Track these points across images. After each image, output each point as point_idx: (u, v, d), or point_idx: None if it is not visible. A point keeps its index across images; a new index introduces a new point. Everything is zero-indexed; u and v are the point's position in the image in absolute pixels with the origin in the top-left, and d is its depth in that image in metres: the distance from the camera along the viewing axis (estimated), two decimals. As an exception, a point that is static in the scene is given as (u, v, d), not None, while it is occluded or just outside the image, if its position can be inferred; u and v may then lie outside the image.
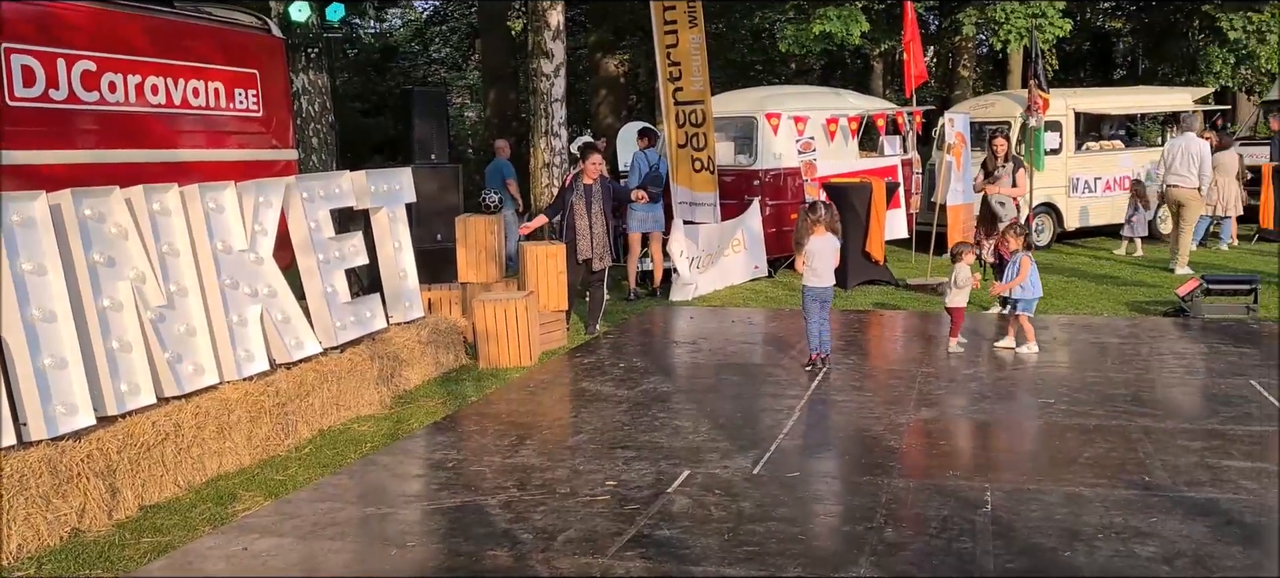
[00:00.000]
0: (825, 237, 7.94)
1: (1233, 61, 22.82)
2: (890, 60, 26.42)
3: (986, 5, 20.34)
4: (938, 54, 27.48)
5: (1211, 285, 9.86)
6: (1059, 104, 14.97)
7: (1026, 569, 4.32)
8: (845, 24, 19.16)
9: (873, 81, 26.54)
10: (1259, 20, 21.73)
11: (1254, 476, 5.37)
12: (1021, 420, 6.61)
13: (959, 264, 8.59)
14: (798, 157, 12.91)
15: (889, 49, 22.85)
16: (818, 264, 7.96)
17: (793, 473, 5.64)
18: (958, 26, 21.14)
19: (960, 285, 8.50)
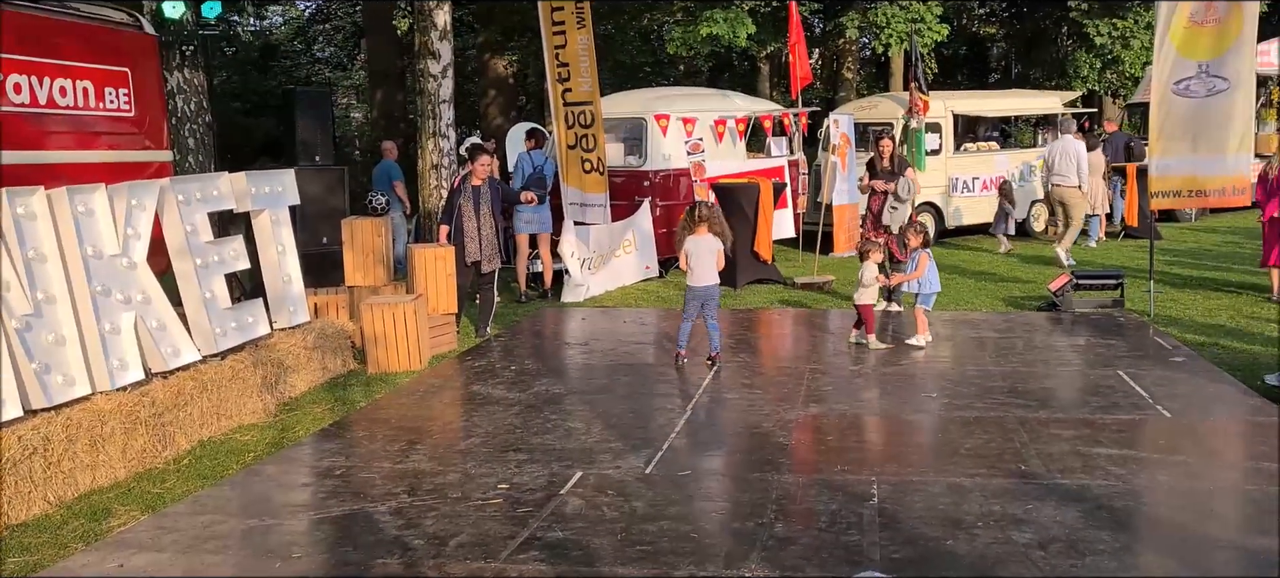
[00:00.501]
0: (704, 237, 8.00)
1: (1099, 66, 23.85)
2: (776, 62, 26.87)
3: (868, 9, 20.85)
4: (823, 56, 28.05)
5: (1081, 281, 10.27)
6: (938, 106, 15.43)
7: (911, 560, 4.43)
8: (732, 26, 19.42)
9: (760, 83, 26.95)
10: (1123, 26, 22.74)
11: (1122, 462, 5.62)
12: (906, 414, 6.78)
13: (866, 262, 8.76)
14: (687, 157, 13.02)
15: (775, 51, 23.24)
16: (695, 264, 8.03)
17: (684, 472, 5.68)
18: (841, 29, 21.63)
19: (867, 283, 8.69)
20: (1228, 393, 7.05)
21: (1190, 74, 9.37)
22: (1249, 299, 10.36)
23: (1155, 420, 6.42)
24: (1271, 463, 5.57)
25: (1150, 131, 9.79)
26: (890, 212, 10.27)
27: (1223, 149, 9.44)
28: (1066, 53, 25.08)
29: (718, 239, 8.04)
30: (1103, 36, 22.72)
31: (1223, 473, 5.60)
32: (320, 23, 33.17)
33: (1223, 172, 9.50)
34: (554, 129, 12.49)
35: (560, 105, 12.18)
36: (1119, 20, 22.81)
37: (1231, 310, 9.89)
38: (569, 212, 12.13)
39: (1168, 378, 7.40)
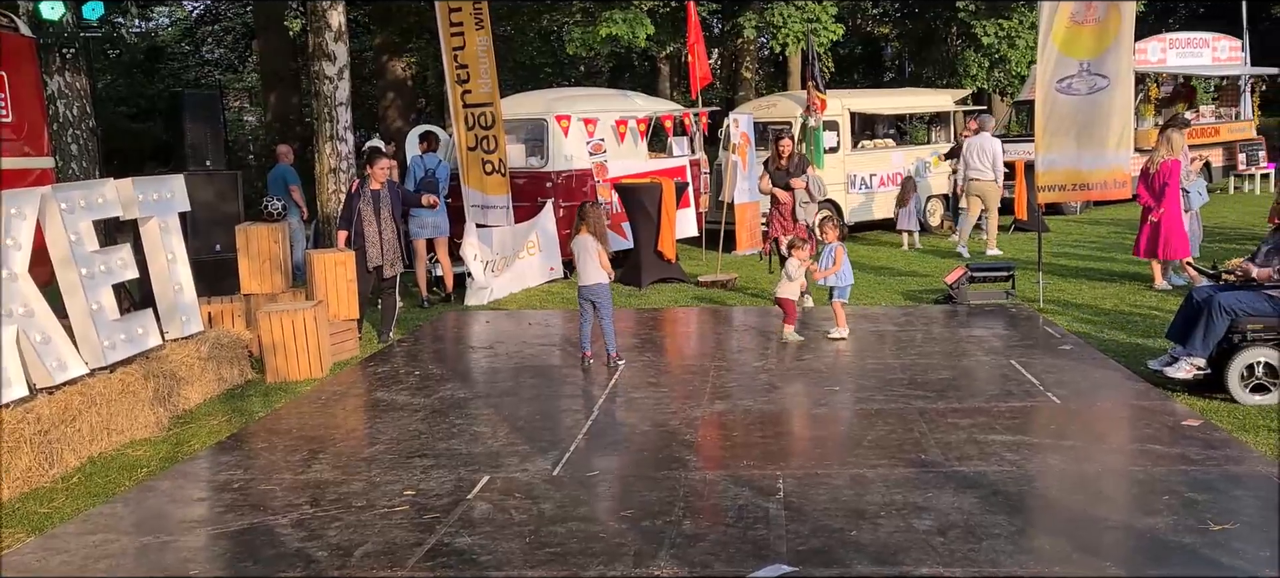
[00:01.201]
0: (585, 237, 8.02)
1: (987, 65, 24.55)
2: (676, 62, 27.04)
3: (765, 9, 21.12)
4: (722, 56, 28.30)
5: (975, 274, 10.57)
6: (835, 105, 15.70)
7: (816, 551, 4.50)
8: (631, 27, 19.47)
9: (660, 84, 27.09)
10: (1009, 27, 23.45)
11: (1016, 448, 5.79)
12: (809, 408, 6.89)
13: (791, 257, 8.86)
14: (589, 158, 13.02)
15: (675, 51, 23.38)
16: (580, 265, 8.07)
17: (592, 472, 5.67)
18: (739, 30, 21.87)
19: (792, 277, 8.79)
20: (1113, 378, 7.32)
21: (1072, 72, 9.71)
22: (1131, 288, 10.78)
23: (1046, 407, 6.64)
24: (1155, 445, 5.80)
25: (1036, 128, 10.12)
26: (802, 207, 10.41)
27: (1104, 144, 9.80)
28: (956, 52, 25.77)
29: (594, 239, 8.06)
30: (990, 36, 23.40)
31: (1110, 456, 5.81)
32: (209, 24, 32.27)
33: (1104, 166, 9.87)
34: (454, 131, 12.37)
35: (460, 107, 12.07)
36: (1005, 21, 23.51)
37: (1115, 299, 10.28)
38: (470, 214, 12.03)
39: (1057, 366, 7.66)
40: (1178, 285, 10.50)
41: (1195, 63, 21.08)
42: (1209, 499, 4.91)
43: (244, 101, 34.14)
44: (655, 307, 11.04)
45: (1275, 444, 5.74)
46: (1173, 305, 8.33)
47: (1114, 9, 9.59)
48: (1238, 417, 6.28)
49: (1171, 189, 10.37)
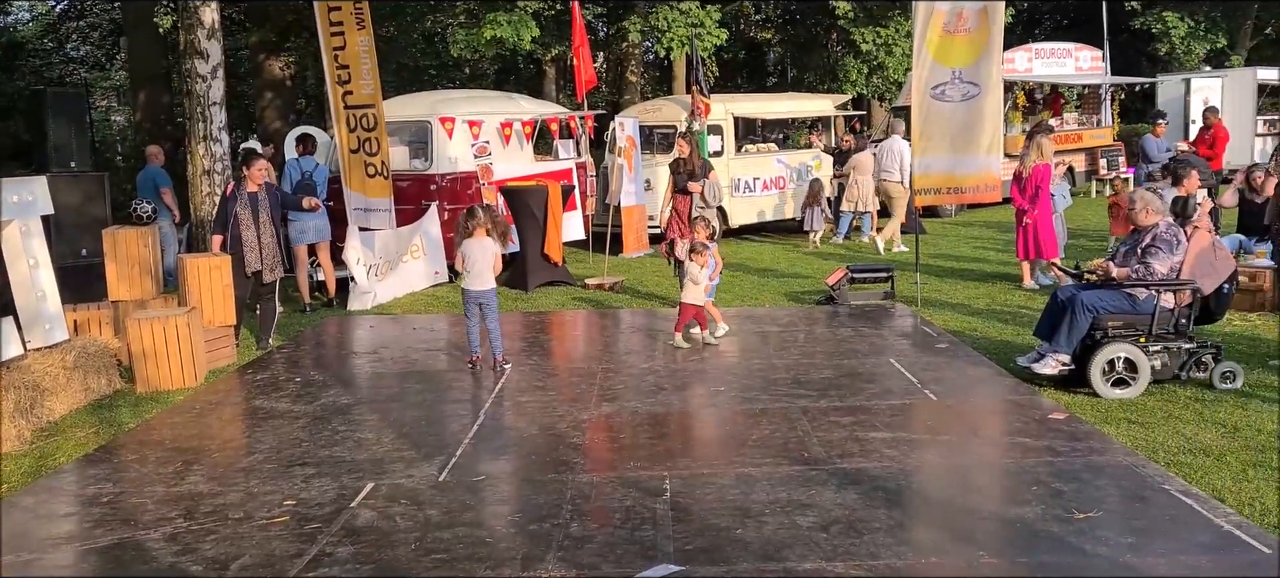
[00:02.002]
0: (483, 239, 7.96)
1: (866, 71, 25.21)
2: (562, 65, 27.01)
3: (650, 13, 21.27)
4: (607, 60, 28.40)
5: (856, 275, 10.83)
6: (719, 109, 15.89)
7: (703, 550, 4.55)
8: (516, 29, 19.39)
9: (546, 87, 27.02)
10: (886, 34, 24.12)
11: (895, 444, 5.96)
12: (696, 409, 6.96)
13: (692, 261, 8.89)
14: (474, 160, 12.91)
15: (560, 55, 23.35)
16: (474, 267, 7.99)
17: (479, 477, 5.63)
18: (624, 33, 21.97)
19: (697, 282, 8.83)
20: (986, 375, 7.59)
21: (946, 79, 10.04)
22: (1002, 288, 11.20)
23: (923, 404, 6.84)
24: (1024, 438, 6.04)
25: (912, 133, 10.42)
26: (700, 210, 10.48)
27: (976, 149, 10.16)
28: (836, 58, 26.39)
29: (496, 242, 8.01)
30: (868, 44, 24.04)
31: (983, 449, 6.03)
32: (74, 20, 30.89)
33: (977, 170, 10.24)
34: (334, 133, 12.11)
35: (341, 108, 11.83)
36: (882, 29, 24.18)
37: (988, 299, 10.66)
38: (353, 217, 11.79)
39: (934, 363, 7.90)
40: (1045, 285, 10.94)
41: (1060, 72, 22.02)
42: (1074, 489, 5.13)
43: (112, 100, 32.80)
44: (542, 310, 11.01)
45: (1134, 435, 6.02)
46: (1040, 304, 8.67)
47: (984, 19, 9.95)
48: (1100, 410, 6.58)
49: (1043, 192, 10.82)
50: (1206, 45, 32.31)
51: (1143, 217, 7.22)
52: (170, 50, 22.01)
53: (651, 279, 12.31)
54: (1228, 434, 6.01)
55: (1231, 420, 6.26)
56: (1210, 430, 6.09)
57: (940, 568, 4.34)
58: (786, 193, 16.88)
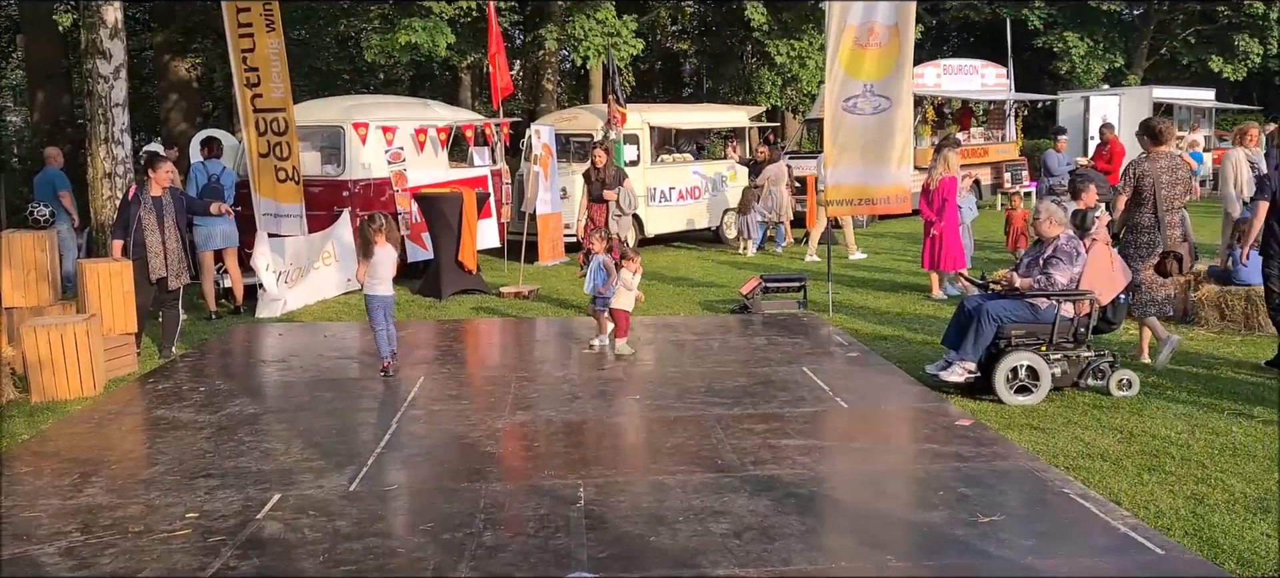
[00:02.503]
0: (385, 246, 8.05)
1: (781, 83, 25.53)
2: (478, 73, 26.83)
3: (567, 22, 21.26)
4: (523, 68, 28.30)
5: (769, 284, 10.95)
6: (635, 119, 15.95)
7: (616, 557, 4.55)
8: (431, 36, 19.21)
9: (462, 94, 26.80)
10: (800, 47, 24.46)
11: (807, 451, 6.03)
12: (611, 417, 6.96)
13: (623, 268, 8.86)
14: (388, 167, 12.75)
15: (476, 62, 23.20)
16: (379, 272, 8.07)
17: (391, 486, 5.55)
18: (541, 41, 21.92)
19: (630, 288, 8.81)
20: (896, 383, 7.73)
21: (857, 93, 10.22)
22: (912, 298, 11.43)
23: (835, 412, 6.95)
24: (932, 444, 6.17)
25: (825, 145, 10.59)
26: (615, 220, 10.50)
27: (887, 162, 10.36)
28: (751, 70, 26.68)
29: (396, 249, 8.20)
30: (782, 56, 24.35)
31: (892, 456, 6.14)
32: (-34, 16, 29.71)
33: (887, 182, 10.43)
34: (243, 136, 11.85)
35: (250, 111, 11.58)
36: (796, 41, 24.52)
37: (898, 308, 10.87)
38: (262, 223, 11.54)
39: (845, 372, 8.03)
40: (952, 295, 11.20)
41: (967, 88, 22.60)
42: (979, 494, 5.26)
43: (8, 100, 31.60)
44: (456, 318, 10.91)
45: (1036, 441, 6.20)
46: (948, 314, 8.87)
47: (894, 34, 10.16)
48: (1004, 416, 6.75)
49: (949, 205, 11.08)
50: (1105, 65, 33.49)
51: (1046, 228, 7.43)
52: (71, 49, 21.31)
53: (567, 288, 12.28)
54: (1124, 440, 6.21)
55: (1127, 426, 6.47)
56: (1107, 436, 6.29)
57: (850, 572, 4.40)
58: (702, 203, 17.01)
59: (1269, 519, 4.92)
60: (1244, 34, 32.90)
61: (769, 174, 15.94)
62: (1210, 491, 5.32)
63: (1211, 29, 33.88)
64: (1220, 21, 33.41)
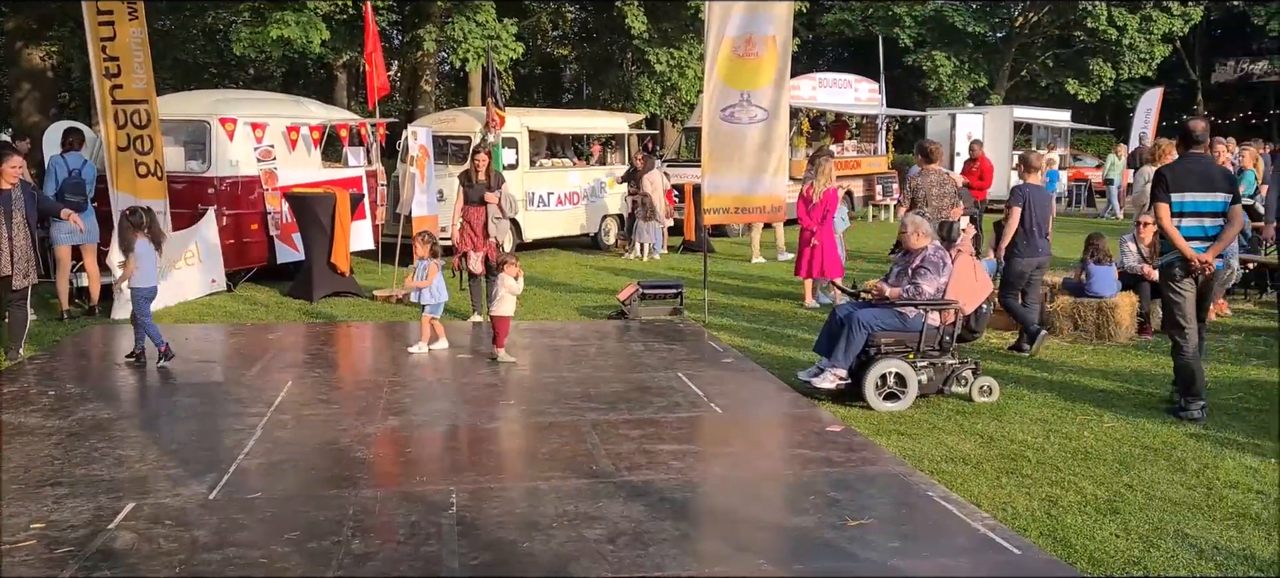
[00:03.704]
0: (146, 241, 8.30)
1: (660, 91, 25.72)
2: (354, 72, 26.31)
3: (446, 24, 21.00)
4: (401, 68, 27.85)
5: (646, 291, 11.00)
6: (514, 122, 15.85)
7: (489, 564, 4.49)
8: (304, 31, 18.73)
9: (337, 93, 26.25)
10: (680, 56, 24.69)
11: (681, 456, 6.06)
12: (485, 423, 6.87)
13: (503, 273, 8.71)
14: (257, 165, 12.36)
15: (352, 60, 22.74)
16: (145, 265, 8.28)
17: (255, 494, 5.35)
18: (419, 42, 21.61)
19: (508, 294, 8.66)
20: (770, 390, 7.85)
21: (735, 102, 10.36)
22: (786, 305, 11.64)
23: (709, 417, 7.00)
24: (803, 450, 6.27)
25: (702, 154, 10.70)
26: (495, 223, 10.35)
27: (764, 171, 10.52)
28: (631, 78, 26.82)
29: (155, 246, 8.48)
30: (662, 64, 24.55)
31: (765, 461, 6.23)
32: None
33: (764, 191, 10.60)
34: (102, 129, 11.32)
35: (109, 103, 11.07)
36: (676, 50, 24.74)
37: (772, 316, 11.05)
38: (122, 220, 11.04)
39: (720, 378, 8.11)
40: (824, 304, 11.44)
41: (841, 101, 23.16)
42: (848, 498, 5.36)
43: None
44: (328, 320, 10.63)
45: (903, 446, 6.36)
46: (820, 321, 9.05)
47: (772, 45, 10.33)
48: (873, 422, 6.92)
49: (830, 216, 11.32)
50: (970, 84, 34.82)
51: (914, 240, 7.66)
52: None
53: (443, 291, 12.10)
54: (984, 444, 6.44)
55: (988, 431, 6.71)
56: (969, 441, 6.51)
57: (722, 576, 4.43)
58: (580, 208, 17.00)
59: (1117, 520, 5.15)
60: (1098, 59, 34.69)
61: (647, 181, 16.03)
62: (1063, 493, 5.54)
63: (1068, 53, 35.60)
64: (1076, 46, 35.10)
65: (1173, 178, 6.98)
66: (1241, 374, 8.40)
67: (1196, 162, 7.05)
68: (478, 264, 10.23)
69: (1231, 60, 43.46)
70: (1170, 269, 7.08)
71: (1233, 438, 6.59)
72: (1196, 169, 7.01)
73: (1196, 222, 6.95)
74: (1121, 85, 35.47)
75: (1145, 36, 33.36)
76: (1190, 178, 6.96)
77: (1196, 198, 6.93)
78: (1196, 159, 7.06)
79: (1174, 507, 5.34)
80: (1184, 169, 7.03)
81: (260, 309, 11.25)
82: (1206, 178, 6.99)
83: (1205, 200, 6.94)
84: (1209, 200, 6.94)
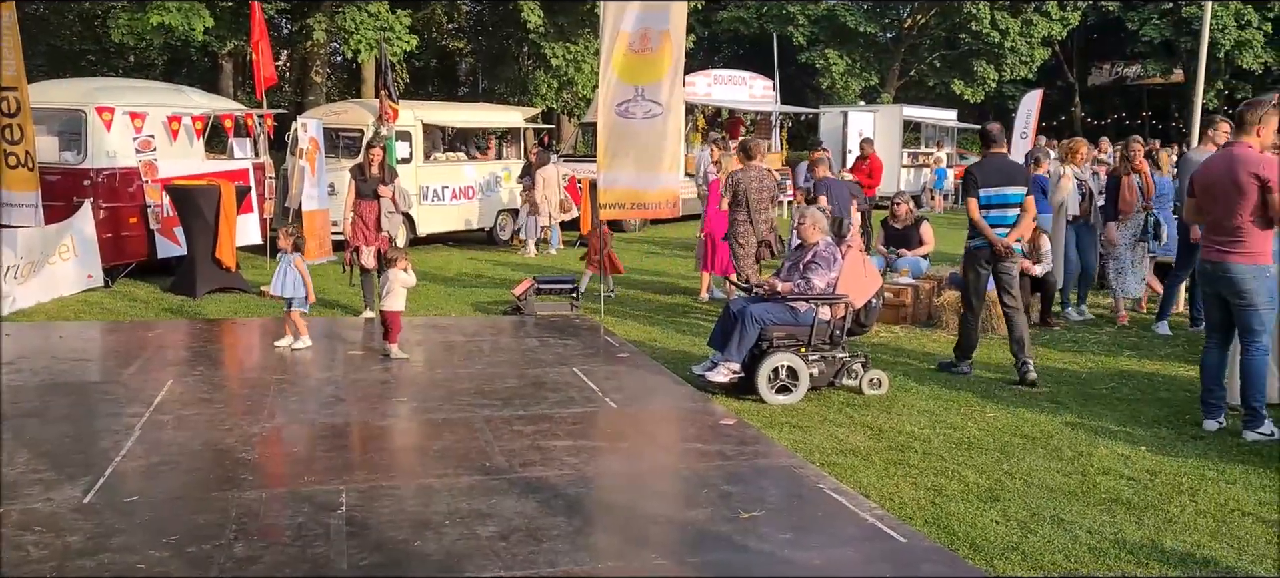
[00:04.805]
0: None
1: (556, 86, 25.64)
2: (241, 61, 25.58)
3: (337, 13, 20.57)
4: (290, 58, 27.18)
5: (542, 286, 10.95)
6: (408, 115, 15.61)
7: (379, 564, 4.41)
8: (187, 18, 18.13)
9: (223, 82, 25.47)
10: (576, 50, 24.65)
11: (576, 452, 6.05)
12: (376, 421, 6.75)
13: (393, 269, 8.52)
14: (136, 156, 11.91)
15: (238, 49, 22.10)
16: None
17: (132, 497, 5.16)
18: (309, 32, 21.11)
19: (409, 286, 8.46)
20: (664, 384, 7.88)
21: (630, 97, 10.37)
22: (681, 300, 11.71)
23: (604, 412, 7.00)
24: (697, 443, 6.32)
25: (598, 149, 10.69)
26: (387, 217, 10.17)
27: (659, 167, 10.55)
28: (527, 72, 26.67)
29: None
30: (558, 59, 24.47)
31: (659, 455, 6.26)
32: None
33: (658, 187, 10.63)
34: (-32, 117, 10.77)
35: (-25, 90, 10.54)
36: (572, 45, 24.70)
37: (668, 310, 11.10)
38: (-11, 212, 10.53)
39: (615, 373, 8.12)
40: (717, 299, 11.55)
41: (736, 98, 23.42)
42: (741, 490, 5.42)
43: None
44: (212, 317, 10.31)
45: (794, 438, 6.46)
46: (715, 316, 9.13)
47: (666, 41, 10.37)
48: (765, 415, 7.00)
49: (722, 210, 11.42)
50: (862, 82, 35.58)
51: (810, 233, 7.78)
52: None
53: (334, 287, 11.86)
54: (873, 436, 6.58)
55: (877, 423, 6.85)
56: (859, 433, 6.64)
57: (615, 571, 4.43)
58: (475, 202, 16.84)
59: (998, 507, 5.32)
60: (982, 61, 35.79)
61: (542, 176, 15.95)
62: (948, 482, 5.70)
63: (954, 55, 36.63)
64: (962, 48, 36.15)
65: (981, 175, 7.98)
66: (1114, 365, 8.75)
67: (997, 159, 8.13)
68: (370, 259, 10.04)
69: (1107, 64, 45.36)
70: (977, 253, 8.05)
71: (1106, 427, 6.86)
72: (998, 166, 8.06)
73: (1001, 212, 7.94)
74: (1004, 87, 36.66)
75: (1026, 40, 34.55)
76: (995, 174, 7.98)
77: (1000, 191, 7.93)
78: (998, 157, 8.16)
79: (1051, 493, 5.54)
80: (989, 166, 8.06)
81: (140, 306, 10.86)
82: (1007, 174, 8.05)
83: (1006, 192, 7.94)
84: (1009, 193, 7.94)
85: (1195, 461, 6.14)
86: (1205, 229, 6.82)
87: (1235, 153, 6.47)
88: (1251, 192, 6.31)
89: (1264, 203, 6.30)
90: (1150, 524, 5.11)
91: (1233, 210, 6.40)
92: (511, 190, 17.29)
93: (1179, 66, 38.28)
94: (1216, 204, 6.55)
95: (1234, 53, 34.45)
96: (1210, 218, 6.65)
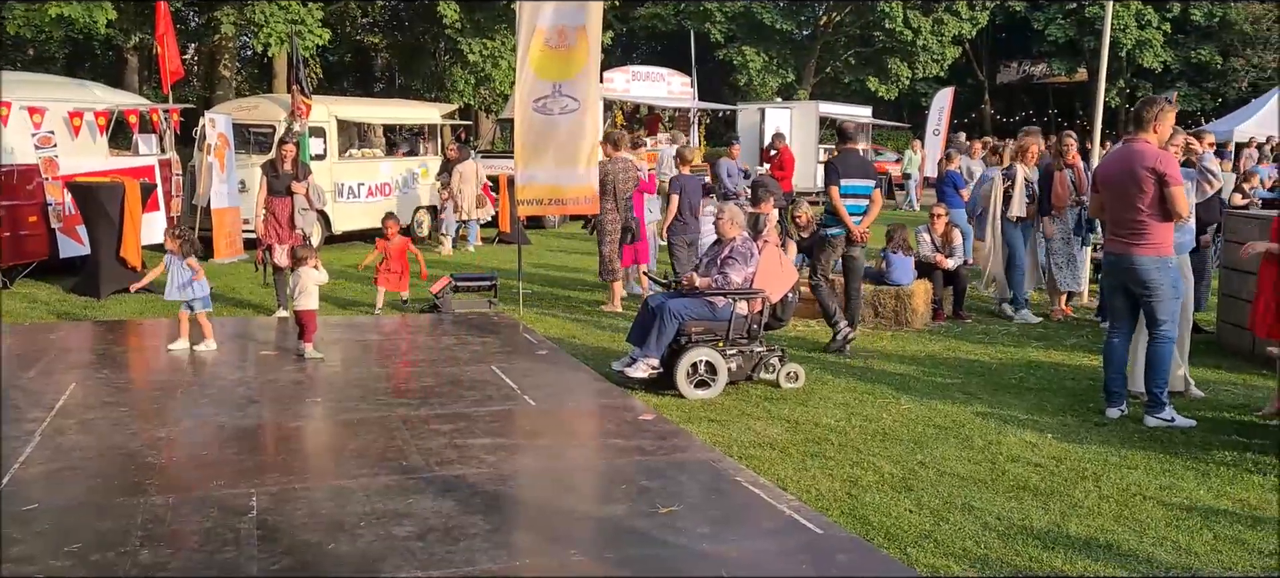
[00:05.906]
0: None
1: (474, 82, 25.43)
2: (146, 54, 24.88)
3: (246, 6, 20.12)
4: (198, 52, 26.52)
5: (460, 283, 10.85)
6: (321, 111, 15.34)
7: (291, 568, 4.32)
8: (88, 10, 17.55)
9: (127, 76, 24.73)
10: (493, 46, 24.47)
11: (494, 450, 6.00)
12: (289, 422, 6.61)
13: (303, 267, 8.33)
14: (35, 152, 11.51)
15: (143, 42, 21.49)
16: None
17: (32, 505, 4.97)
18: (217, 25, 20.62)
19: (309, 289, 8.28)
20: (583, 381, 7.87)
21: (546, 93, 10.32)
22: (601, 295, 11.69)
23: (523, 410, 6.96)
24: (616, 439, 6.32)
25: (515, 145, 10.62)
26: (301, 215, 9.97)
27: (576, 162, 10.52)
28: (444, 68, 26.40)
29: None
30: (475, 55, 24.27)
31: (578, 452, 6.24)
32: None
33: (576, 182, 10.60)
34: None
35: None
36: (489, 40, 24.51)
37: (587, 306, 11.09)
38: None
39: (534, 370, 8.08)
40: (635, 294, 11.57)
41: (654, 94, 23.48)
42: (660, 485, 5.43)
43: None
44: (117, 318, 10.01)
45: (713, 432, 6.50)
46: (634, 311, 9.14)
47: (582, 37, 10.34)
48: (684, 410, 7.03)
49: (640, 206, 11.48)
50: (779, 79, 35.94)
51: (728, 229, 7.83)
52: None
53: (245, 286, 11.60)
54: (790, 428, 6.65)
55: (794, 416, 6.93)
56: (776, 426, 6.71)
57: (533, 569, 4.41)
58: (392, 199, 16.61)
59: (911, 496, 5.42)
60: (896, 58, 36.45)
61: (459, 172, 15.82)
62: (863, 473, 5.78)
63: (869, 52, 37.23)
64: (876, 45, 36.76)
65: (843, 167, 8.78)
66: (1022, 356, 8.98)
67: (853, 155, 9.03)
68: (283, 257, 9.84)
69: (1015, 62, 46.55)
70: (834, 237, 8.89)
71: (1014, 416, 7.03)
72: (854, 161, 8.95)
73: (856, 201, 8.80)
74: (917, 84, 37.39)
75: (937, 38, 35.27)
76: (852, 167, 8.85)
77: (856, 182, 8.81)
78: (853, 152, 9.05)
79: (962, 482, 5.66)
80: (850, 161, 8.89)
81: (40, 307, 10.49)
82: (861, 167, 8.99)
83: (861, 184, 8.84)
84: (863, 185, 8.85)
85: (1098, 447, 6.33)
86: (1108, 223, 7.03)
87: (1134, 149, 6.68)
88: (1149, 186, 6.52)
89: (1162, 197, 6.52)
90: (1056, 510, 5.26)
91: (1133, 204, 6.61)
92: (429, 187, 17.10)
93: (1083, 65, 39.45)
94: (1118, 199, 6.76)
95: (1135, 52, 35.62)
96: (1112, 213, 6.86)
